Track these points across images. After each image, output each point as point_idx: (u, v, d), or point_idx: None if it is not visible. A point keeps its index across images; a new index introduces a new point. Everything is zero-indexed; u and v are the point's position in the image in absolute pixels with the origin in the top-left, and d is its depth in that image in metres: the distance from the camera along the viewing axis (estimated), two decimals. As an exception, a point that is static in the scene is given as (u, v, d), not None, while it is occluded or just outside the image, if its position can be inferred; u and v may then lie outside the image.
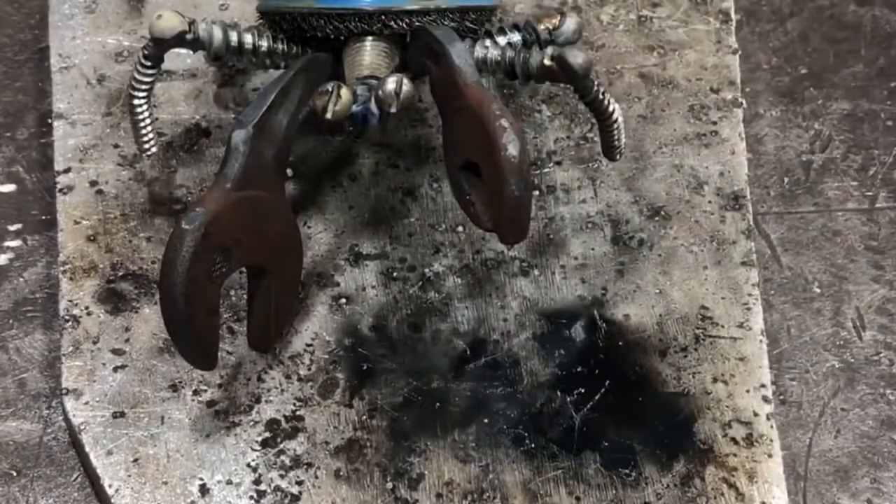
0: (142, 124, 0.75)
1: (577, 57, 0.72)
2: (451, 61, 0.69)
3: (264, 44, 0.75)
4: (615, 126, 0.76)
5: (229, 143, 0.68)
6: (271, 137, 0.69)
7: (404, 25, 0.73)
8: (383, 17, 0.73)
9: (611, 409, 0.74)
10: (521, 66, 0.74)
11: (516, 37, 0.75)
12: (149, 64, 0.74)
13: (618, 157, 0.78)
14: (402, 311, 0.77)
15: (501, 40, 0.75)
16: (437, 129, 0.81)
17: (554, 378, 0.75)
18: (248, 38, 0.75)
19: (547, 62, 0.73)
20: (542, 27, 0.75)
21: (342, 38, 0.74)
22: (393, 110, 0.71)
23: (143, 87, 0.74)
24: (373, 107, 0.73)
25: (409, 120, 0.80)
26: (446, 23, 0.73)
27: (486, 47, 0.75)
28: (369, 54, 0.74)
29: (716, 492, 0.71)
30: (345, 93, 0.71)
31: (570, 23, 0.75)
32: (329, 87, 0.71)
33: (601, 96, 0.74)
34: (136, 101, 0.75)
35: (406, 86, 0.71)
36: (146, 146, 0.76)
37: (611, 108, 0.75)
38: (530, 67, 0.74)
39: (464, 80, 0.68)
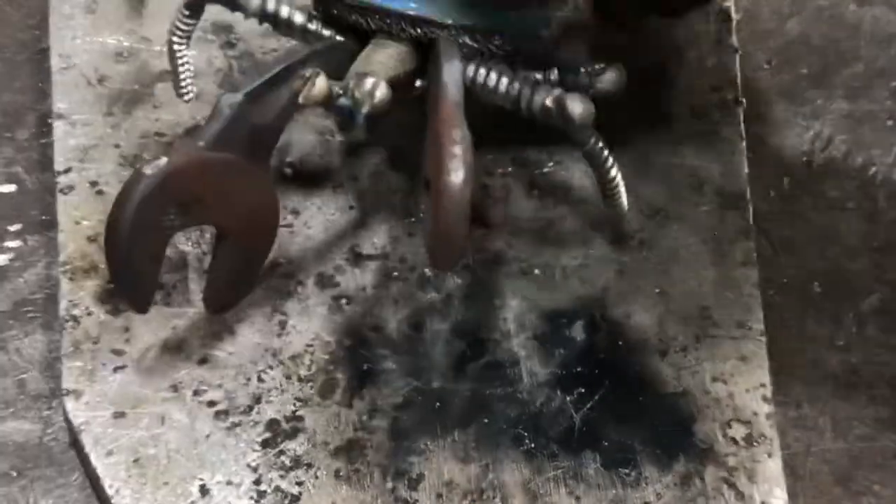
0: (181, 69, 0.76)
1: (576, 105, 0.69)
2: (440, 77, 0.68)
3: (299, 19, 0.75)
4: (613, 183, 0.74)
5: (216, 104, 0.68)
6: (265, 109, 0.69)
7: (419, 32, 0.72)
8: (401, 20, 0.72)
9: (611, 409, 0.74)
10: (527, 100, 0.72)
11: (553, 74, 0.74)
12: (188, 13, 0.74)
13: (620, 211, 0.76)
14: (402, 311, 0.77)
15: (530, 74, 0.73)
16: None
17: (554, 378, 0.75)
18: (285, 10, 0.74)
19: (548, 103, 0.71)
20: (583, 70, 0.73)
21: (370, 31, 0.73)
22: (364, 110, 0.70)
23: (183, 34, 0.75)
24: None
25: (400, 125, 0.80)
26: (468, 41, 0.72)
27: (499, 73, 0.73)
28: (380, 53, 0.73)
29: (716, 491, 0.71)
30: (320, 81, 0.70)
31: (611, 74, 0.73)
32: (307, 72, 0.70)
33: (598, 149, 0.72)
34: (175, 47, 0.75)
35: (381, 89, 0.69)
36: (184, 90, 0.77)
37: (608, 164, 0.73)
38: (533, 104, 0.72)
39: (444, 97, 0.67)
